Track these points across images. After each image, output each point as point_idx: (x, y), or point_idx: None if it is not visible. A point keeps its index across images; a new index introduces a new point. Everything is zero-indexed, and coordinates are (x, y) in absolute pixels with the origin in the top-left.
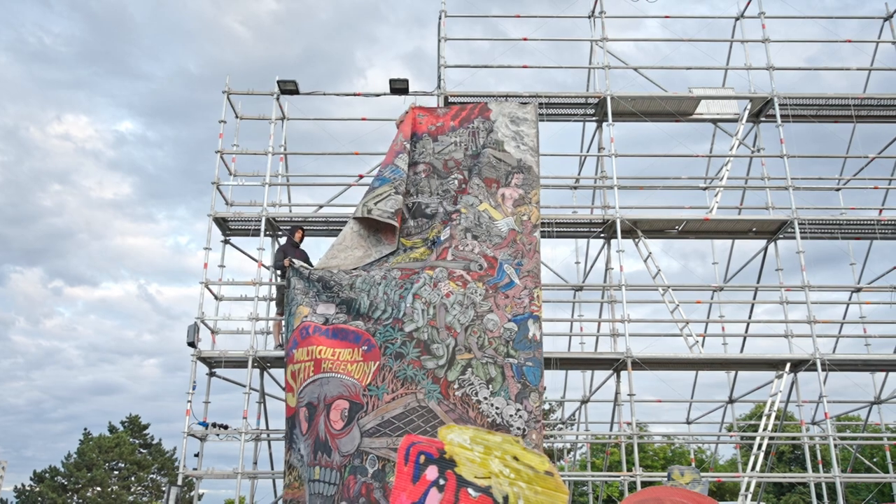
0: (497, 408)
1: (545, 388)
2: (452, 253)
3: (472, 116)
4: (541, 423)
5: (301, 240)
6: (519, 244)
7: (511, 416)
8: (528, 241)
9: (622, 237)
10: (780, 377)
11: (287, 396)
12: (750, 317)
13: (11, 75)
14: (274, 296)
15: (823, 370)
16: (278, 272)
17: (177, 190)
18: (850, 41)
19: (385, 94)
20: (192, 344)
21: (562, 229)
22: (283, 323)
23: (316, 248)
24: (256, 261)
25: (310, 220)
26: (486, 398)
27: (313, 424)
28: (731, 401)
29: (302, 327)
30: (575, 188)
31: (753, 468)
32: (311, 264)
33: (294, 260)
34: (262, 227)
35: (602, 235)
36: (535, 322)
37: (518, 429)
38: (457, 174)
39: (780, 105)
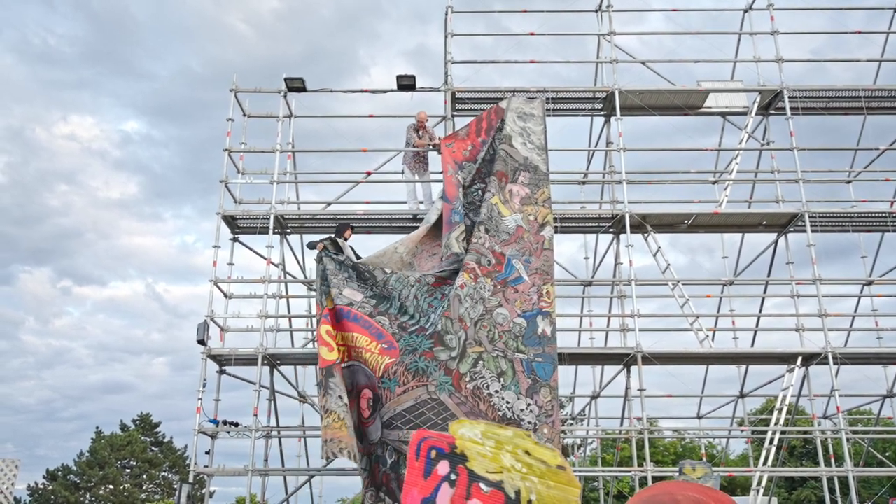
0: (508, 402)
1: (557, 383)
2: (483, 250)
3: (494, 123)
4: (553, 417)
5: (349, 237)
6: (526, 242)
7: (522, 410)
8: (535, 240)
9: (631, 232)
10: (791, 371)
11: (322, 350)
12: (760, 311)
13: (16, 77)
14: (283, 293)
15: (835, 364)
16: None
17: (183, 189)
18: (860, 32)
19: (392, 91)
20: (202, 342)
21: (570, 224)
22: (316, 300)
23: None
24: (265, 258)
25: (318, 217)
26: (496, 391)
27: (351, 405)
28: (741, 395)
29: (336, 309)
30: (583, 183)
31: (765, 463)
32: (358, 258)
33: (327, 244)
34: (271, 225)
35: (611, 230)
36: (545, 318)
37: (529, 423)
38: (479, 184)
39: (789, 98)
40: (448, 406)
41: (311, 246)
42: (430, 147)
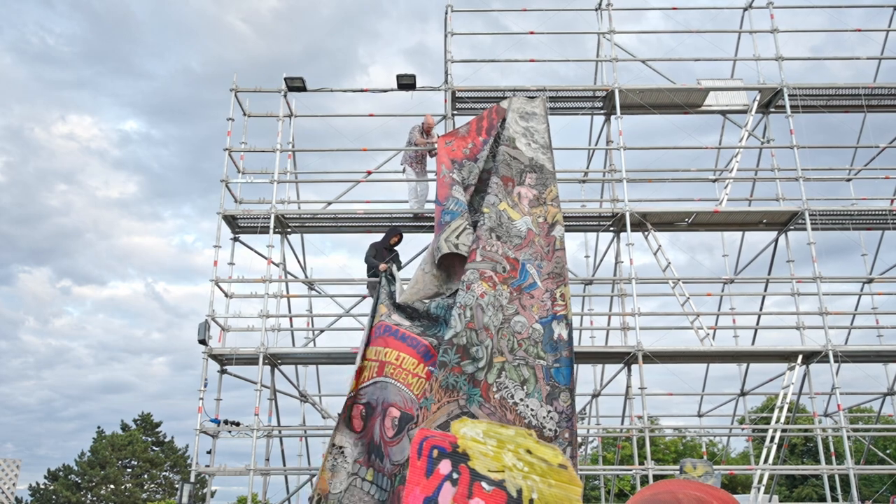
0: (532, 409)
1: (575, 385)
2: (481, 254)
3: (495, 122)
4: (572, 419)
5: (397, 243)
6: (537, 246)
7: (544, 417)
8: (546, 242)
9: (631, 230)
10: (792, 369)
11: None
12: (761, 309)
13: (15, 76)
14: (283, 293)
15: (836, 362)
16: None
17: (182, 188)
18: (860, 30)
19: (393, 90)
20: (203, 341)
21: (571, 223)
22: (368, 321)
23: (322, 245)
24: (266, 258)
25: (319, 216)
26: (521, 399)
27: (369, 426)
28: (742, 393)
29: (377, 325)
30: (583, 182)
31: (766, 461)
32: (401, 266)
33: (392, 269)
34: (272, 225)
35: (611, 229)
36: (560, 322)
37: (550, 430)
38: (485, 187)
39: (789, 96)
40: (478, 418)
41: (371, 264)
42: (431, 147)
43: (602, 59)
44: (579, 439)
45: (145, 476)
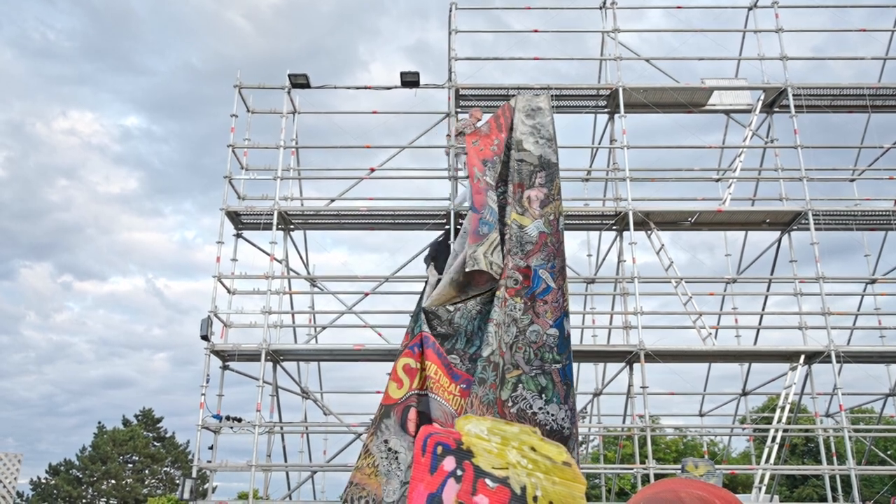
0: (552, 415)
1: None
2: (508, 272)
3: (510, 119)
4: (575, 413)
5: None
6: (549, 246)
7: (563, 419)
8: (556, 239)
9: (634, 229)
10: (793, 369)
11: (390, 386)
12: (763, 309)
13: (16, 71)
14: (286, 289)
15: (838, 362)
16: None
17: (183, 184)
18: (864, 30)
19: (396, 87)
20: (205, 337)
21: (573, 221)
22: (407, 328)
23: (323, 241)
24: (269, 254)
25: (321, 213)
26: (541, 408)
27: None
28: (744, 393)
29: (425, 335)
30: (587, 180)
31: (767, 461)
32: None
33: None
34: (275, 221)
35: (614, 227)
36: (567, 317)
37: (567, 428)
38: (502, 187)
39: (793, 95)
40: None
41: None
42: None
43: (606, 58)
44: (580, 438)
45: (146, 471)
